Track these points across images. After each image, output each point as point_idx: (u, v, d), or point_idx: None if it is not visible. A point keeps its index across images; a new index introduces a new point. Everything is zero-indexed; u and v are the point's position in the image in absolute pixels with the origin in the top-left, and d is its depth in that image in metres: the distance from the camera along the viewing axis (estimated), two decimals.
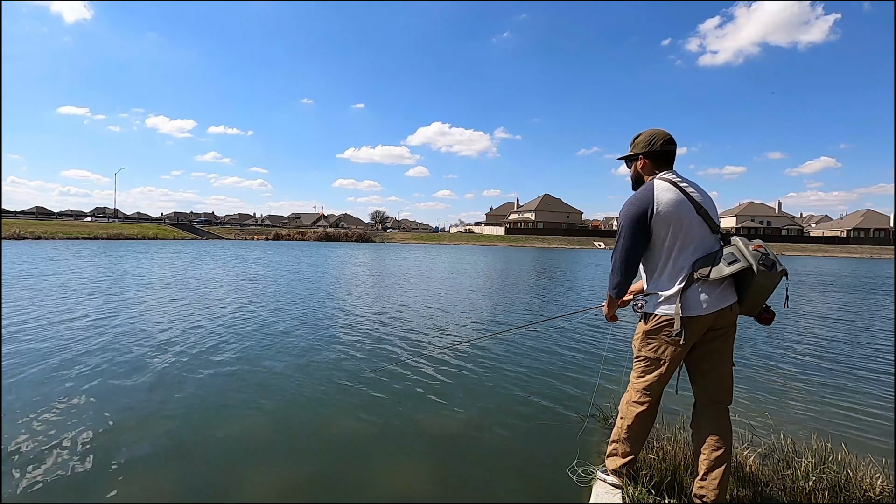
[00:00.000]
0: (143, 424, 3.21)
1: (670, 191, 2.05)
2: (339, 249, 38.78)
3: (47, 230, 43.54)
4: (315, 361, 4.89)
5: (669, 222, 2.02)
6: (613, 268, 2.18)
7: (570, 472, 2.59)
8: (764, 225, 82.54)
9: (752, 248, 1.99)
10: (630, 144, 2.28)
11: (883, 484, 2.35)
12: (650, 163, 2.19)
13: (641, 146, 2.20)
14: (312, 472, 2.69)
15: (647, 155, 2.19)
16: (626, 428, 2.26)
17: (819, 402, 4.04)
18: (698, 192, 2.09)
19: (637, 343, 2.23)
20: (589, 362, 5.12)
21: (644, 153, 2.19)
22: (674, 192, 2.05)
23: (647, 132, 2.21)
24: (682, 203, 2.04)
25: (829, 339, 6.79)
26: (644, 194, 2.08)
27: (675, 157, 2.19)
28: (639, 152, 2.21)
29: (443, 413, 3.61)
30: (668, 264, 2.07)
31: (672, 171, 2.16)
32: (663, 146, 2.16)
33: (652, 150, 2.17)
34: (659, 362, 2.14)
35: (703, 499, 2.04)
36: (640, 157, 2.21)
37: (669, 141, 2.16)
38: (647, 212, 2.04)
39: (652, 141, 2.18)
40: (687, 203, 2.04)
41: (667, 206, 2.02)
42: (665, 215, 2.02)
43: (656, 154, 2.17)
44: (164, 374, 4.30)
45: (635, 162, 2.25)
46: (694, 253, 2.04)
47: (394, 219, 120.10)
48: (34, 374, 4.19)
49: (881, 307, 10.81)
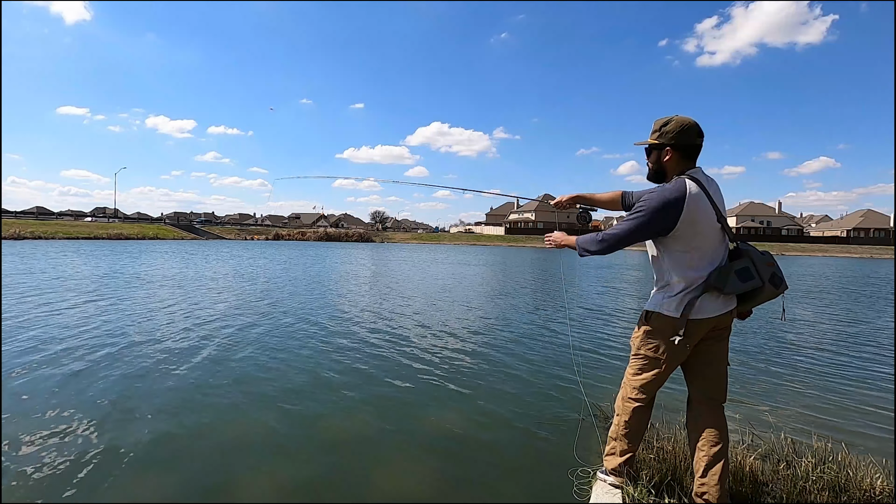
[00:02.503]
0: (143, 424, 3.21)
1: (700, 197, 1.93)
2: (340, 249, 38.76)
3: (47, 230, 43.51)
4: (313, 361, 4.89)
5: (695, 229, 1.93)
6: (605, 236, 2.06)
7: (570, 472, 2.59)
8: (764, 225, 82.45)
9: (766, 265, 1.98)
10: (655, 131, 2.06)
11: (883, 484, 2.35)
12: (678, 156, 2.01)
13: (671, 136, 2.00)
14: (312, 472, 2.69)
15: (677, 146, 2.00)
16: (623, 424, 2.26)
17: (819, 402, 4.04)
18: (718, 194, 2.02)
19: (637, 341, 2.21)
20: (589, 362, 5.12)
21: (673, 144, 2.00)
22: (703, 198, 1.93)
23: (677, 119, 2.01)
24: (709, 211, 1.94)
25: (829, 340, 6.79)
26: (679, 192, 1.92)
27: (700, 152, 2.04)
28: (667, 143, 2.01)
29: (442, 413, 3.61)
30: (684, 271, 1.99)
31: (698, 168, 2.04)
32: (695, 138, 2.00)
33: (682, 143, 2.00)
34: (658, 362, 2.13)
35: (705, 496, 2.03)
36: (666, 148, 2.02)
37: (700, 133, 2.01)
38: (679, 211, 1.91)
39: (683, 131, 1.98)
40: (712, 211, 1.95)
41: (696, 213, 1.91)
42: (692, 222, 1.92)
43: (686, 147, 2.00)
44: (163, 373, 4.30)
45: (659, 151, 2.05)
46: (711, 262, 1.98)
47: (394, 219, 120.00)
48: (34, 373, 4.18)
49: (881, 307, 10.81)
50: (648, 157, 2.12)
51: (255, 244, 47.38)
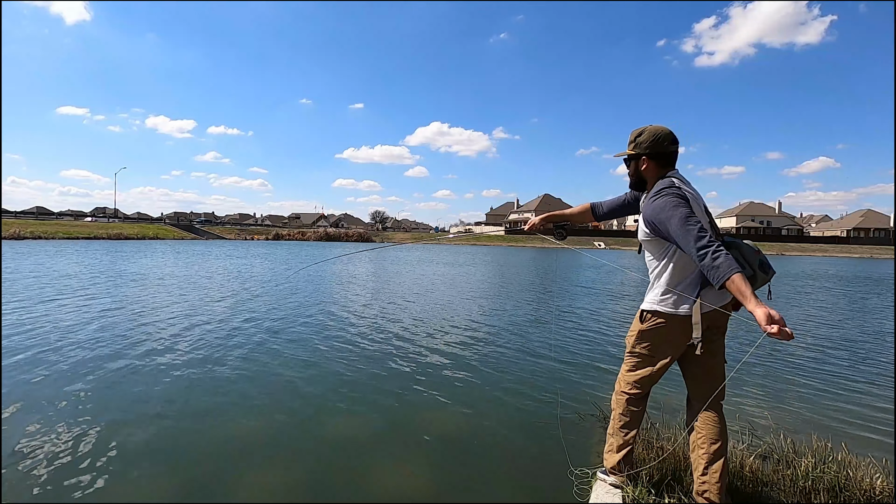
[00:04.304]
0: (143, 424, 3.21)
1: (690, 193, 1.99)
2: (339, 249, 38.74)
3: (47, 230, 43.51)
4: (312, 361, 4.89)
5: None
6: (700, 243, 1.76)
7: (570, 471, 2.59)
8: (764, 225, 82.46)
9: (753, 254, 2.03)
10: (630, 142, 2.14)
11: (883, 484, 2.35)
12: (654, 164, 2.08)
13: (645, 146, 2.07)
14: (311, 472, 2.69)
15: (652, 156, 2.08)
16: (618, 418, 2.27)
17: (819, 402, 4.04)
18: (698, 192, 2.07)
19: (632, 339, 2.23)
20: (589, 362, 5.13)
21: (648, 154, 2.08)
22: (692, 193, 2.00)
23: (650, 129, 2.09)
24: (701, 205, 2.00)
25: (829, 340, 6.78)
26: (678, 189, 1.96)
27: (677, 158, 2.11)
28: (641, 152, 2.09)
29: (442, 413, 3.61)
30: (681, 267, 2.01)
31: (675, 170, 2.10)
32: (668, 146, 2.06)
33: (656, 152, 2.07)
34: (652, 360, 2.15)
35: (706, 494, 2.02)
36: (642, 158, 2.10)
37: (674, 140, 2.07)
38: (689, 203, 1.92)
39: (656, 140, 2.05)
40: (701, 208, 2.00)
41: (694, 206, 1.95)
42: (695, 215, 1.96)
43: (661, 155, 2.07)
44: (162, 374, 4.30)
45: (636, 161, 2.13)
46: None
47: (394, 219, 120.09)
48: (33, 374, 4.18)
49: (881, 307, 10.80)
50: (628, 167, 2.19)
51: (255, 244, 47.37)
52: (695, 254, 1.78)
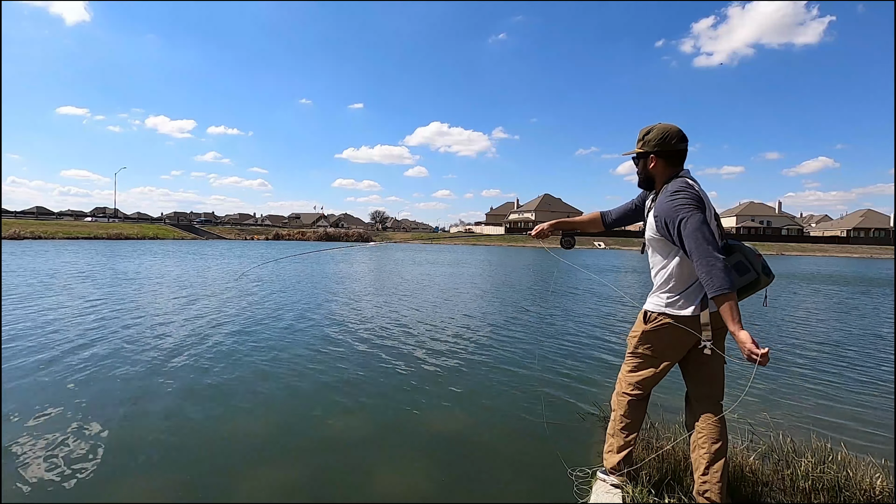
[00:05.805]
0: (142, 424, 3.21)
1: (703, 194, 2.00)
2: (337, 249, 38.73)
3: (47, 230, 43.50)
4: (312, 361, 4.89)
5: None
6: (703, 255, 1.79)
7: (570, 471, 2.59)
8: (764, 225, 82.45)
9: (756, 257, 2.03)
10: (639, 140, 2.12)
11: (883, 484, 2.34)
12: (663, 162, 2.06)
13: (653, 144, 2.06)
14: (311, 472, 2.69)
15: (661, 154, 2.06)
16: (619, 419, 2.27)
17: (819, 402, 4.04)
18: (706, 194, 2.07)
19: (634, 340, 2.22)
20: (589, 362, 5.13)
21: (656, 152, 2.07)
22: (705, 195, 2.01)
23: (659, 127, 2.07)
24: (712, 209, 2.01)
25: (829, 340, 6.78)
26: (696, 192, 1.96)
27: (686, 156, 2.09)
28: (650, 151, 2.08)
29: (442, 413, 3.61)
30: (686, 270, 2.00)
31: (686, 170, 2.09)
32: (677, 144, 2.04)
33: (665, 149, 2.05)
34: (655, 361, 2.14)
35: (706, 494, 2.02)
36: (651, 156, 2.08)
37: (683, 138, 2.05)
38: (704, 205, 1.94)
39: (665, 138, 2.04)
40: (711, 211, 2.00)
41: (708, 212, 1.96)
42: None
43: (670, 153, 2.05)
44: (162, 374, 4.30)
45: (644, 160, 2.11)
46: None
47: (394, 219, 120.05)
48: (33, 374, 4.18)
49: (881, 307, 10.80)
50: (636, 165, 2.17)
51: (255, 244, 47.35)
52: (697, 261, 1.83)
